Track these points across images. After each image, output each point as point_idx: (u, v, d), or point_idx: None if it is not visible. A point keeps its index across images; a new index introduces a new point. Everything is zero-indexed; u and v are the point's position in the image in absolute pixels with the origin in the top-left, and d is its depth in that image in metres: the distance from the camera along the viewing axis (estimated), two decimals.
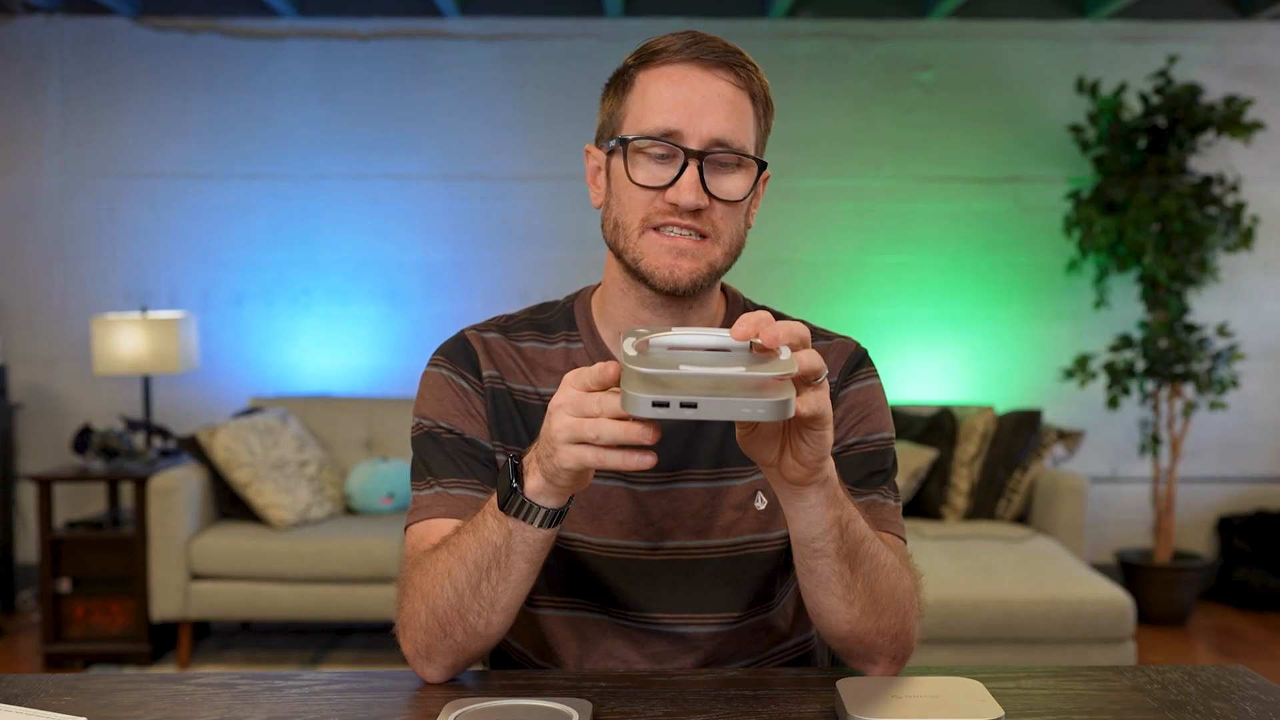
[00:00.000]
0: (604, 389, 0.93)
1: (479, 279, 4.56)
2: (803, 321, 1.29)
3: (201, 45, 4.52)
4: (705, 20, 4.53)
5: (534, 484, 1.00)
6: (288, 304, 4.55)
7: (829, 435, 0.96)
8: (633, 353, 0.91)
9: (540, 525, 1.02)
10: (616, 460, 0.92)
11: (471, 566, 1.06)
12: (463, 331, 1.28)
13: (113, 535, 3.76)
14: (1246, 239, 4.23)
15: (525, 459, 1.02)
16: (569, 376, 0.95)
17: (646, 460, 0.92)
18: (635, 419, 0.90)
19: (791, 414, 0.86)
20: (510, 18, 4.55)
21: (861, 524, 1.07)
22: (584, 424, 0.92)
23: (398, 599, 1.13)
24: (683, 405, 0.84)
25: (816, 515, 1.03)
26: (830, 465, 1.01)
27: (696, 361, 0.90)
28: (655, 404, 0.84)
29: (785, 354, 0.91)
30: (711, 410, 0.85)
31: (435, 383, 1.23)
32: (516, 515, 1.02)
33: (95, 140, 4.52)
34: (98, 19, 4.50)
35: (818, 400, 0.92)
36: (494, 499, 1.04)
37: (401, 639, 1.13)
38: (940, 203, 4.59)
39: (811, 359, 0.91)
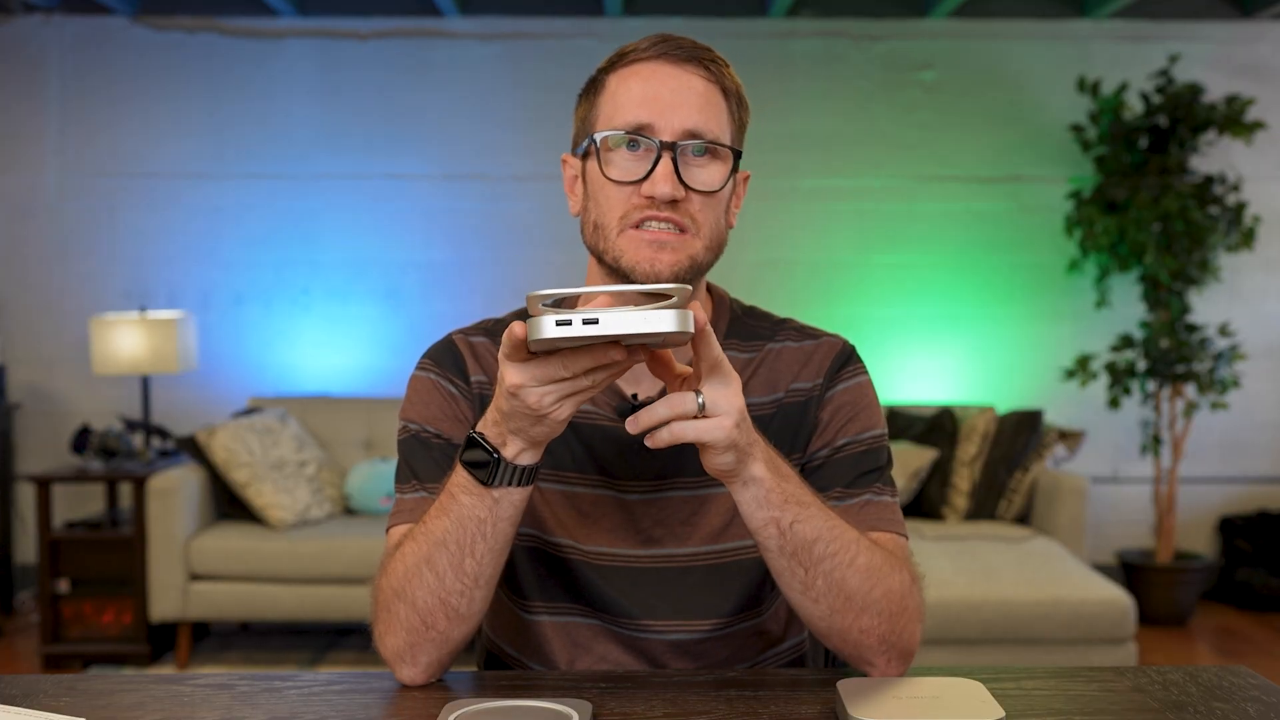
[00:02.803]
0: (519, 347, 0.94)
1: (479, 279, 4.56)
2: (789, 320, 1.29)
3: (201, 45, 4.52)
4: (705, 20, 4.53)
5: (514, 450, 1.03)
6: (287, 304, 4.54)
7: (726, 458, 1.00)
8: (536, 303, 0.94)
9: (521, 484, 1.05)
10: (603, 376, 0.96)
11: (454, 548, 1.06)
12: (450, 335, 1.27)
13: (111, 536, 3.76)
14: (1248, 239, 4.23)
15: (489, 435, 1.03)
16: (501, 358, 0.97)
17: (615, 353, 0.94)
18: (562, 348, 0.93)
19: (692, 328, 0.90)
20: (510, 17, 4.54)
21: (815, 525, 1.06)
22: (564, 384, 0.95)
23: (373, 607, 1.14)
24: (585, 321, 0.88)
25: (748, 511, 1.05)
26: (755, 469, 1.03)
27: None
28: (559, 323, 0.88)
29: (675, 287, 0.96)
30: (612, 324, 0.88)
31: (423, 386, 1.23)
32: (505, 483, 1.03)
33: (95, 140, 4.52)
34: (97, 18, 4.49)
35: (695, 430, 0.97)
36: (459, 480, 1.05)
37: (380, 646, 1.13)
38: (940, 203, 4.58)
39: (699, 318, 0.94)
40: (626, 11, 4.57)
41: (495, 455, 1.03)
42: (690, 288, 0.93)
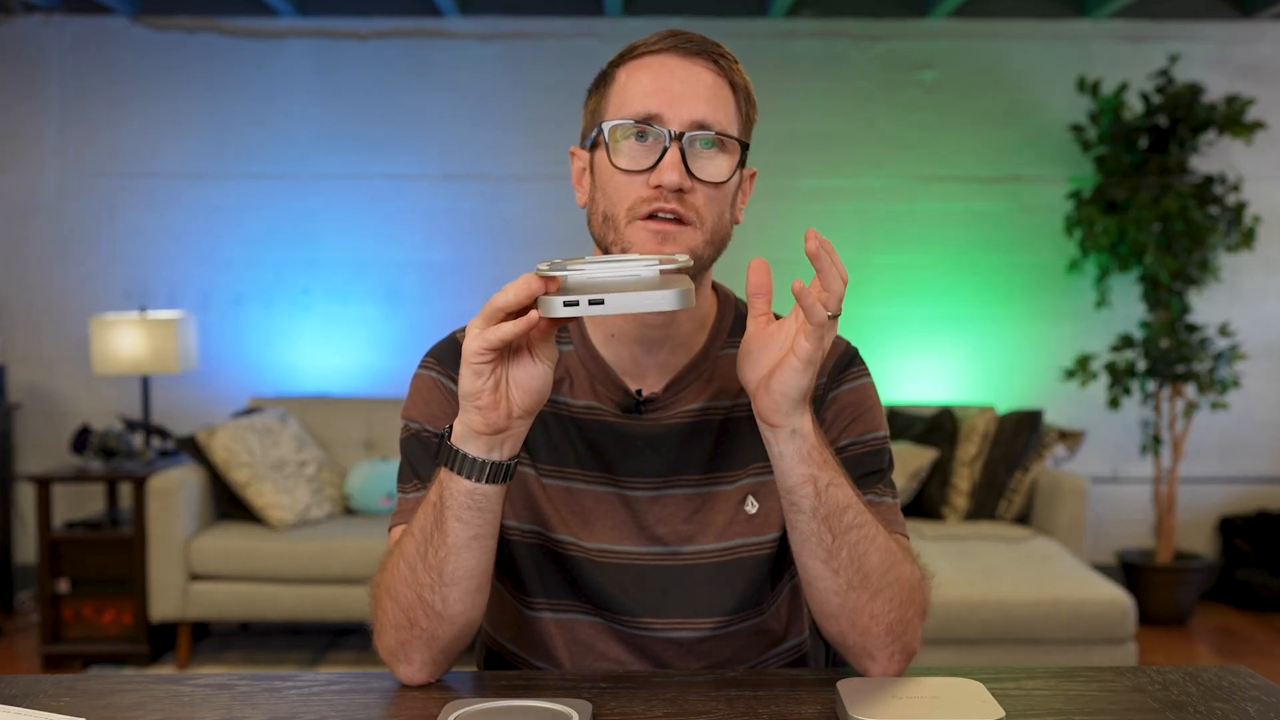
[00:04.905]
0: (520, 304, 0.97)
1: (479, 279, 4.56)
2: None
3: (201, 45, 4.52)
4: (705, 20, 4.53)
5: (458, 429, 1.04)
6: (287, 304, 4.54)
7: (805, 381, 1.03)
8: (544, 268, 0.98)
9: (461, 474, 1.04)
10: (509, 329, 0.97)
11: (419, 534, 1.08)
12: (453, 334, 1.27)
13: (111, 536, 3.76)
14: (1248, 239, 4.23)
15: (455, 423, 1.06)
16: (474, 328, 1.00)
17: (532, 317, 0.96)
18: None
19: (693, 302, 0.94)
20: (510, 17, 4.54)
21: (847, 493, 1.08)
22: (489, 331, 0.98)
23: (370, 605, 1.14)
24: (590, 302, 0.92)
25: (788, 465, 1.07)
26: (804, 422, 1.06)
27: (601, 270, 0.98)
28: (566, 304, 0.93)
29: (682, 259, 1.01)
30: (616, 304, 0.93)
31: (425, 385, 1.23)
32: (446, 464, 1.04)
33: (95, 140, 4.52)
34: (96, 18, 4.49)
35: (808, 351, 1.01)
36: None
37: (378, 644, 1.13)
38: (940, 203, 4.58)
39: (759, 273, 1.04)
40: (626, 11, 4.57)
41: (446, 430, 1.05)
42: (688, 257, 0.97)
